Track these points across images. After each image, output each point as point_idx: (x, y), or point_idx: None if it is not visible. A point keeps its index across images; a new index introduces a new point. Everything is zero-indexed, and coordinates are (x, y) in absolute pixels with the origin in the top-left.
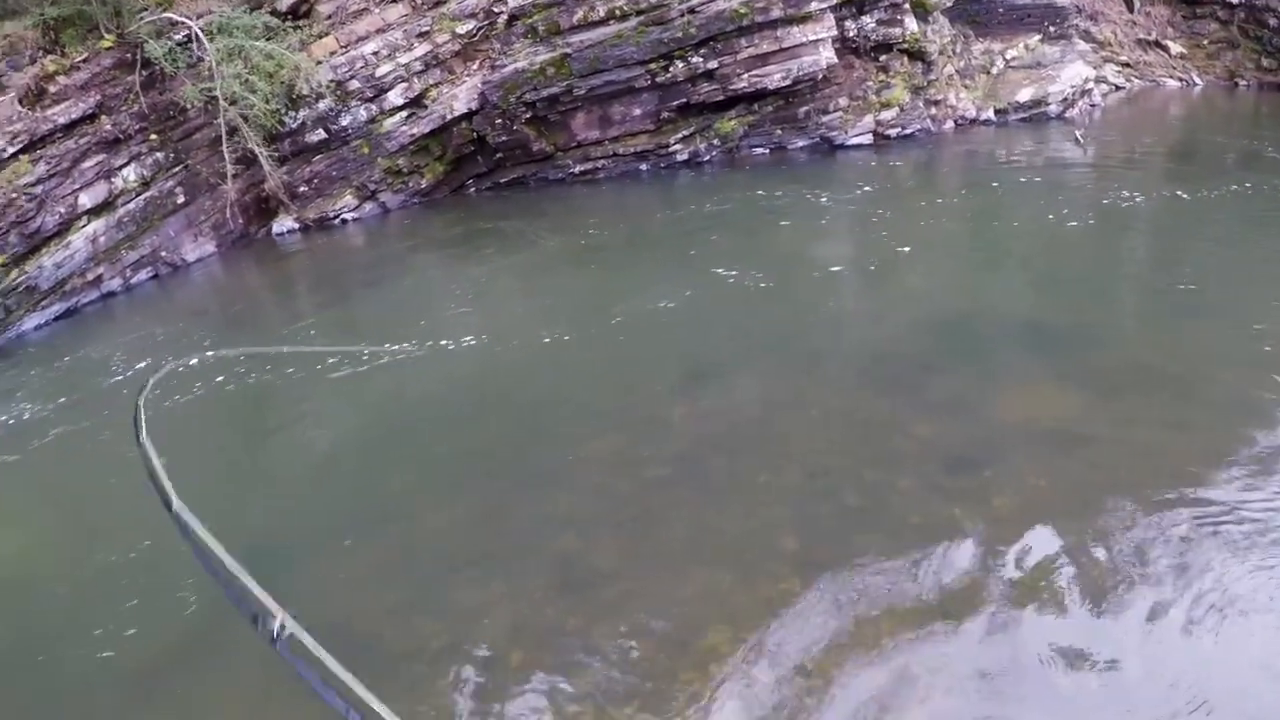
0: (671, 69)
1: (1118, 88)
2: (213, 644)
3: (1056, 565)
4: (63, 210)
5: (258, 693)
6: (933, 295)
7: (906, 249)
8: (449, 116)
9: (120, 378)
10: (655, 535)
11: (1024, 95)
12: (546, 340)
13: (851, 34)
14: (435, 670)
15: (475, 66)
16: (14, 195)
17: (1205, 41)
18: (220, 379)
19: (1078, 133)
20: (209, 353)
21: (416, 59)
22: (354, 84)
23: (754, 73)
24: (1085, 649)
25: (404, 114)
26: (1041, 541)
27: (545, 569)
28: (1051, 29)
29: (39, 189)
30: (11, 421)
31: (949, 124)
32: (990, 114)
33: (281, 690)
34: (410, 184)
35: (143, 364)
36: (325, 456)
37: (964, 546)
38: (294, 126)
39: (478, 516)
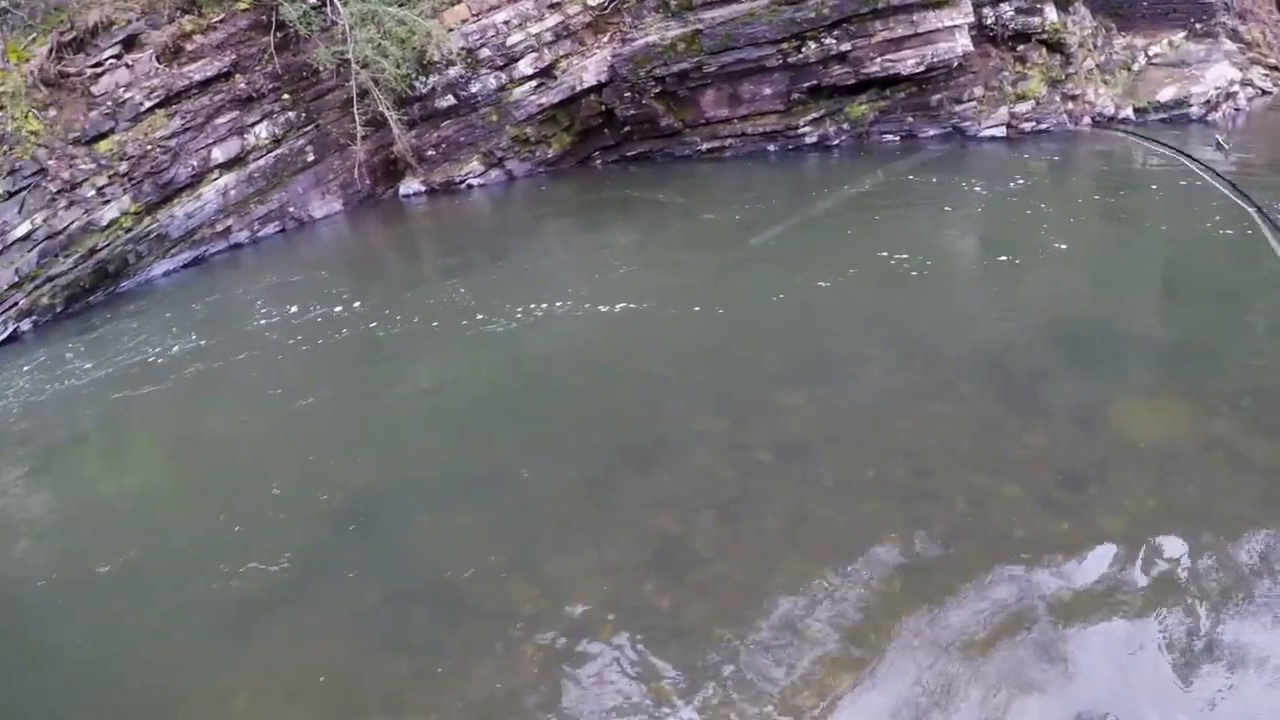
0: (803, 50)
1: (1264, 92)
2: (305, 592)
3: (1162, 590)
4: (195, 163)
5: (345, 637)
6: (1060, 299)
7: (1037, 249)
8: (578, 88)
9: (249, 324)
10: (755, 522)
11: (1165, 95)
12: (663, 316)
13: (989, 21)
14: (527, 633)
15: (605, 39)
16: (149, 147)
17: None
18: (338, 329)
19: (1220, 137)
20: None
21: (547, 29)
22: (484, 52)
23: (887, 57)
24: (1183, 688)
25: (533, 83)
26: (1148, 564)
27: (643, 546)
28: (1197, 26)
29: (173, 142)
30: (141, 359)
31: (1085, 120)
32: (1129, 112)
33: (368, 637)
34: (537, 153)
35: (280, 310)
36: (438, 413)
37: (1066, 563)
38: (424, 92)
39: (582, 487)
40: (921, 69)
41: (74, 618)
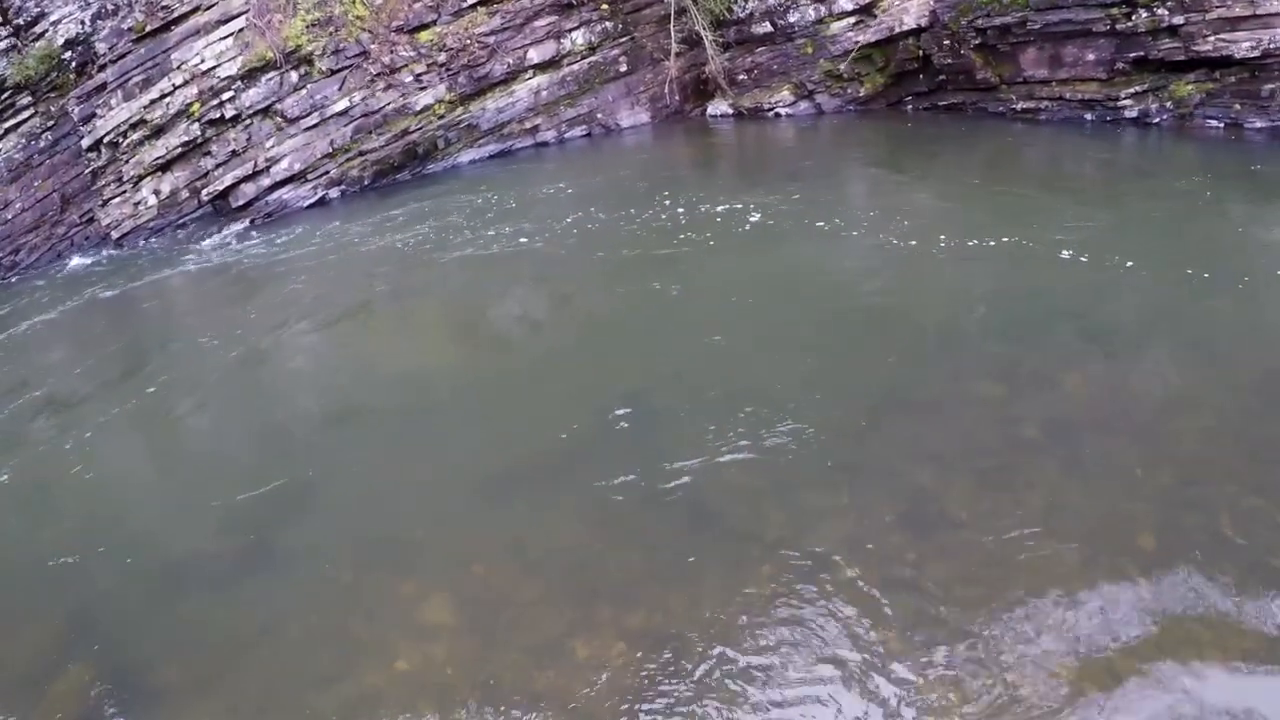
0: (1133, 17)
1: None
2: (563, 475)
3: None
4: (511, 61)
5: (592, 524)
6: None
7: None
8: (897, 29)
9: (534, 218)
10: (1011, 494)
11: None
12: (954, 272)
13: None
14: (766, 556)
15: None
16: (468, 41)
17: None
18: (630, 230)
19: None
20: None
21: None
22: None
23: (1221, 36)
24: None
25: (852, 20)
26: None
27: (897, 498)
28: None
29: (492, 39)
30: (440, 239)
31: None
32: None
33: (623, 536)
34: (848, 90)
35: (577, 208)
36: (721, 323)
37: None
38: (742, 16)
39: (850, 428)
40: (1257, 54)
41: (348, 465)
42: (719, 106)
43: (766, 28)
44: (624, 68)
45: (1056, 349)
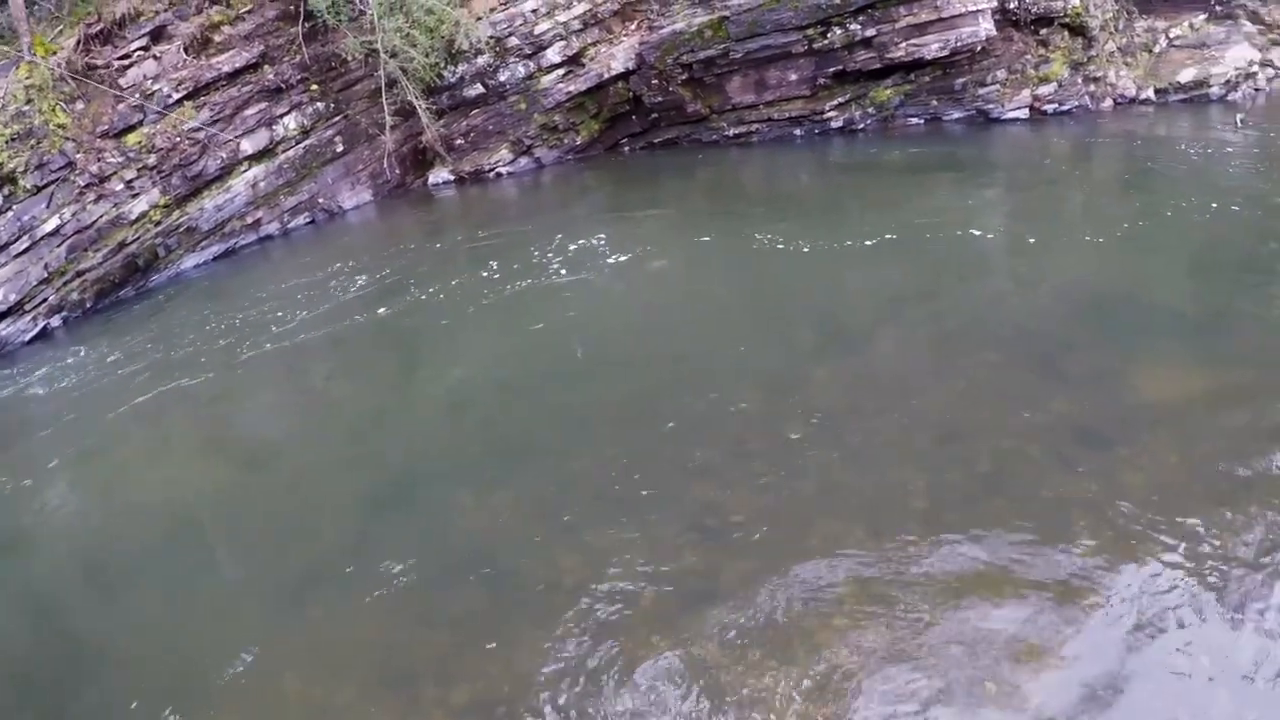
0: (829, 35)
1: None
2: (353, 571)
3: (1183, 545)
4: (224, 155)
5: (392, 613)
6: (1081, 273)
7: (1059, 225)
8: (606, 75)
9: (273, 318)
10: (788, 488)
11: (1185, 76)
12: (692, 297)
13: (1012, 6)
14: (569, 603)
15: (633, 27)
16: (178, 139)
17: None
18: (368, 318)
19: (1239, 117)
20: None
21: (575, 18)
22: (513, 40)
23: (912, 42)
24: (1201, 637)
25: (561, 71)
26: (1170, 520)
27: (682, 516)
28: (1218, 8)
29: (202, 134)
30: (171, 354)
31: (1107, 102)
32: (1150, 93)
33: (426, 614)
34: (565, 140)
35: (308, 302)
36: (474, 396)
37: (1092, 521)
38: (452, 81)
39: (620, 461)
40: (945, 53)
41: (132, 601)
42: (440, 174)
43: (479, 89)
44: (340, 148)
45: (802, 347)
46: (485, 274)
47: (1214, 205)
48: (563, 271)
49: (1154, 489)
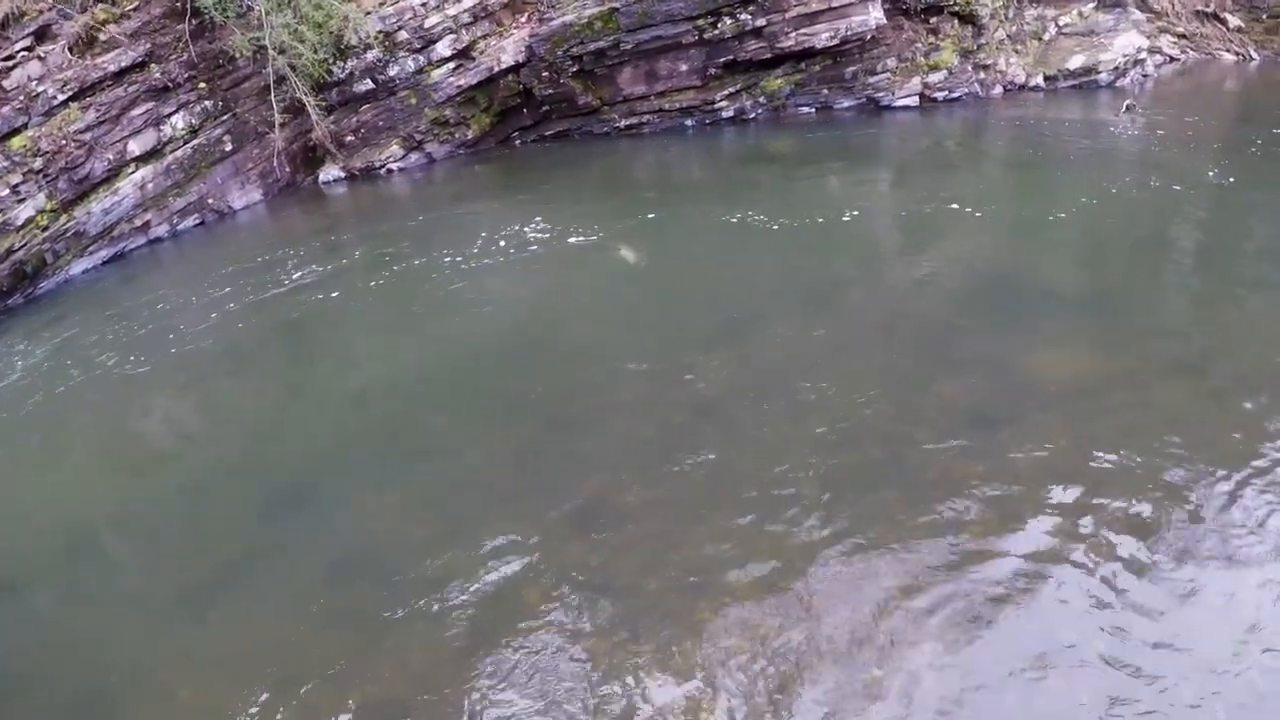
0: (719, 25)
1: (1172, 59)
2: (246, 577)
3: (1068, 525)
4: (112, 157)
5: (285, 617)
6: (971, 257)
7: (948, 211)
8: (496, 69)
9: (165, 322)
10: (678, 477)
11: (1075, 63)
12: (582, 289)
13: None
14: (460, 601)
15: (523, 19)
16: (64, 142)
17: (1264, 16)
18: (258, 321)
19: (1126, 102)
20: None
21: (465, 10)
22: (402, 35)
23: (802, 31)
24: (1089, 606)
25: (452, 65)
26: (1056, 501)
27: (566, 509)
28: None
29: (88, 136)
30: (62, 362)
31: (997, 89)
32: (1039, 80)
33: (316, 619)
34: (456, 135)
35: (198, 304)
36: (364, 397)
37: (979, 504)
38: (342, 77)
39: (510, 456)
40: (835, 42)
41: (23, 613)
42: (331, 172)
43: (368, 85)
44: (230, 147)
45: (694, 336)
46: (376, 272)
47: (1100, 188)
48: (453, 267)
49: (1040, 470)
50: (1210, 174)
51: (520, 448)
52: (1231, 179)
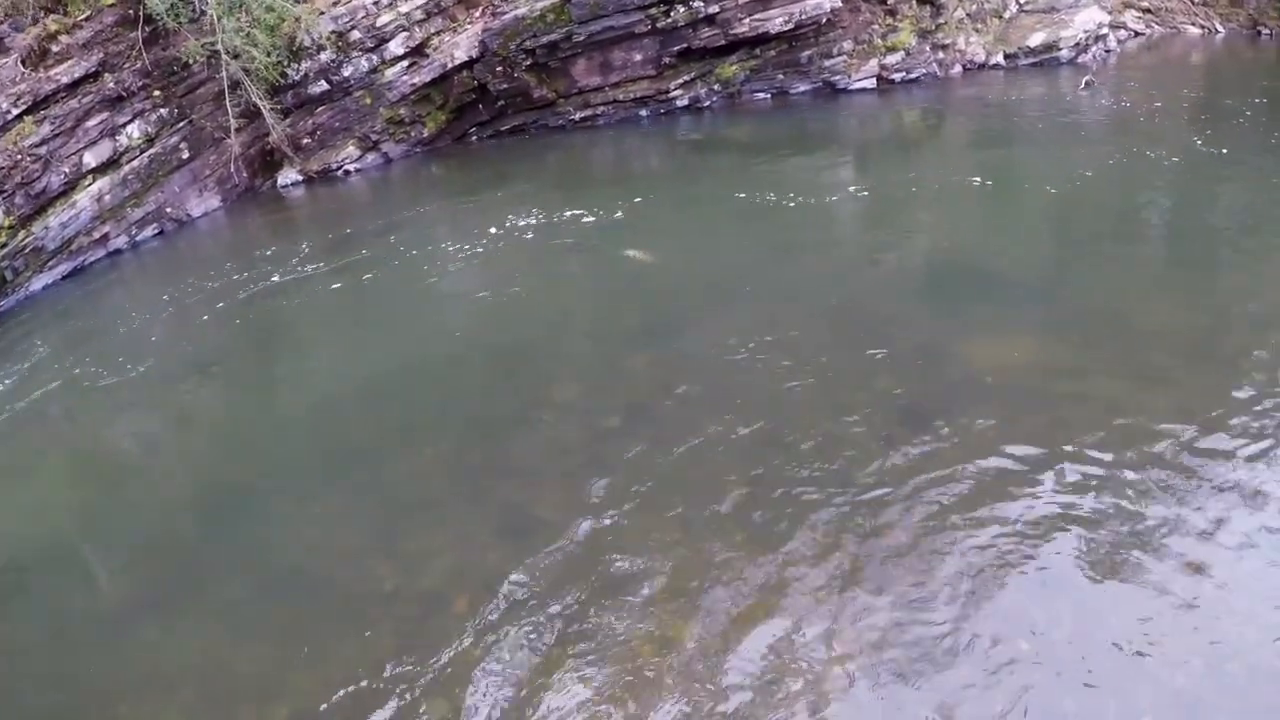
0: (672, 14)
1: (1137, 34)
2: (174, 589)
3: (1000, 516)
4: (68, 170)
5: (214, 629)
6: (919, 244)
7: (900, 195)
8: (450, 65)
9: (125, 336)
10: (603, 483)
11: (1035, 40)
12: (528, 290)
13: None
14: (386, 611)
15: (477, 14)
16: (19, 157)
17: None
18: (211, 334)
19: (1085, 79)
20: None
21: (417, 8)
22: (355, 34)
23: (755, 17)
24: (1023, 603)
25: (405, 63)
26: (988, 493)
27: (491, 517)
28: None
29: (43, 149)
30: (19, 380)
31: (956, 68)
32: (999, 59)
33: (248, 631)
34: (412, 133)
35: (154, 317)
36: (317, 403)
37: (909, 500)
38: (296, 79)
39: (434, 464)
40: (790, 27)
41: None
42: (288, 175)
43: (323, 86)
44: (186, 154)
45: (627, 334)
46: (332, 279)
47: (1056, 170)
48: (406, 271)
49: (974, 464)
50: (1164, 147)
51: (448, 455)
52: (1195, 149)
